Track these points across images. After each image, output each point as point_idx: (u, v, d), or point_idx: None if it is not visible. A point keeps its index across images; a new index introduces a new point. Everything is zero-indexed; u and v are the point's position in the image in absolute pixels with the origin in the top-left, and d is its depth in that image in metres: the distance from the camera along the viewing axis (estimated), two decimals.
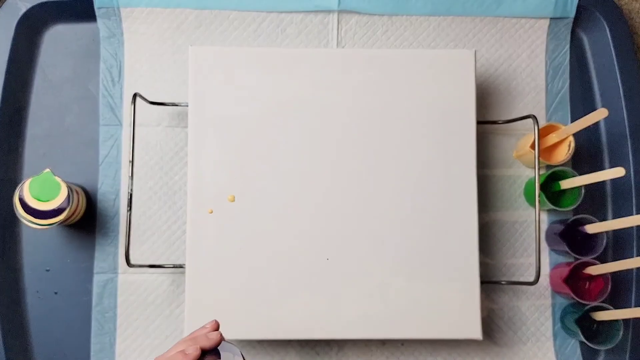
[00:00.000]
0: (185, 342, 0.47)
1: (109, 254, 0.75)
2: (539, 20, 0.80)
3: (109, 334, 0.74)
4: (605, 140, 0.80)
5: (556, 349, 0.76)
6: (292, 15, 0.79)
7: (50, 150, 0.77)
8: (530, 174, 0.78)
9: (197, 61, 0.70)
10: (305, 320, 0.68)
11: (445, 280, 0.68)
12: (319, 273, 0.68)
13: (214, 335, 0.48)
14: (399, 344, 0.75)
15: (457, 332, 0.68)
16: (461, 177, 0.70)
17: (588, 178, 0.69)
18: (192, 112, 0.69)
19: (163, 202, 0.76)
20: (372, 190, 0.69)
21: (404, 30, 0.79)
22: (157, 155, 0.76)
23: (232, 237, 0.68)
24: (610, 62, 0.79)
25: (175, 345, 0.47)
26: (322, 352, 0.75)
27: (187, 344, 0.46)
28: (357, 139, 0.70)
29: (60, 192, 0.68)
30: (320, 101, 0.70)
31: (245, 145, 0.69)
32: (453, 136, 0.70)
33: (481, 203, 0.73)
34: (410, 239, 0.69)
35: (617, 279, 0.75)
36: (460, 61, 0.71)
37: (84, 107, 0.77)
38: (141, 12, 0.77)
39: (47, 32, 0.78)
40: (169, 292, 0.75)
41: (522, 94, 0.79)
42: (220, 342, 0.48)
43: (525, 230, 0.77)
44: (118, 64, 0.77)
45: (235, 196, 0.69)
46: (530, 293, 0.76)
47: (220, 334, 0.48)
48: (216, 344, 0.47)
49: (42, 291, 0.75)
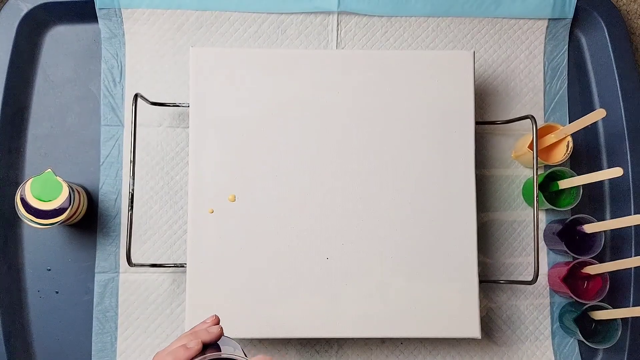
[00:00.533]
0: (187, 337, 0.47)
1: (110, 254, 0.75)
2: (538, 21, 0.80)
3: (110, 333, 0.74)
4: (603, 140, 0.80)
5: (555, 347, 0.76)
6: (292, 16, 0.79)
7: (51, 150, 0.77)
8: (528, 173, 0.79)
9: (198, 62, 0.70)
10: (305, 319, 0.68)
11: (444, 280, 0.69)
12: (319, 273, 0.68)
13: (214, 330, 0.48)
14: (399, 343, 0.76)
15: (456, 331, 0.69)
16: (460, 177, 0.70)
17: (586, 178, 0.69)
18: (193, 112, 0.70)
19: (164, 201, 0.76)
20: (371, 190, 0.69)
21: (403, 32, 0.80)
22: (158, 156, 0.77)
23: (233, 237, 0.68)
24: (608, 63, 0.80)
25: (177, 340, 0.47)
26: (322, 351, 0.75)
27: (188, 338, 0.46)
28: (357, 139, 0.70)
29: (62, 192, 0.68)
30: (319, 102, 0.70)
31: (245, 146, 0.70)
32: (452, 136, 0.70)
33: (480, 203, 0.73)
34: (409, 238, 0.69)
35: (615, 278, 0.75)
36: (459, 62, 0.71)
37: (85, 107, 0.78)
38: (142, 13, 0.78)
39: (49, 33, 0.79)
40: (170, 291, 0.75)
41: (520, 95, 0.80)
42: (221, 336, 0.48)
43: (524, 230, 0.78)
44: (119, 65, 0.78)
45: (235, 196, 0.69)
46: (529, 292, 0.77)
47: (220, 328, 0.48)
48: (217, 338, 0.48)
49: (44, 290, 0.75)
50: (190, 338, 0.46)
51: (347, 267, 0.68)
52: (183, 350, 0.45)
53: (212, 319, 0.51)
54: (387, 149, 0.70)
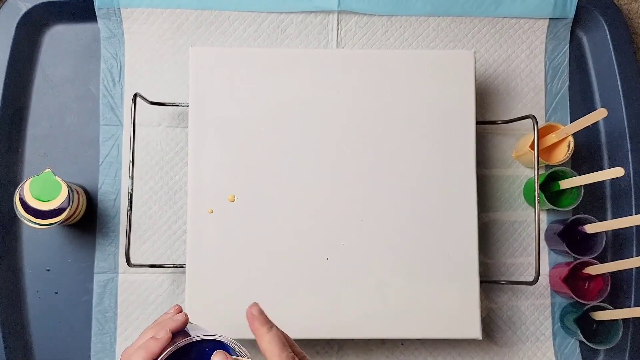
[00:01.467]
0: (153, 329, 0.46)
1: (109, 254, 0.75)
2: (539, 21, 0.80)
3: (110, 334, 0.74)
4: (604, 140, 0.80)
5: (556, 348, 0.76)
6: (292, 15, 0.79)
7: (50, 150, 0.77)
8: (529, 173, 0.78)
9: (198, 61, 0.70)
10: (305, 320, 0.68)
11: (445, 280, 0.69)
12: (319, 273, 0.68)
13: (179, 317, 0.48)
14: (399, 344, 0.75)
15: (456, 331, 0.68)
16: (461, 177, 0.70)
17: (587, 178, 0.69)
18: (193, 112, 0.70)
19: (163, 202, 0.76)
20: (371, 190, 0.69)
21: (403, 31, 0.79)
22: (157, 155, 0.77)
23: (232, 237, 0.68)
24: (609, 62, 0.80)
25: (143, 333, 0.47)
26: (322, 352, 0.75)
27: (154, 329, 0.46)
28: (357, 139, 0.70)
29: (61, 192, 0.68)
30: (319, 101, 0.70)
31: (245, 145, 0.69)
32: (453, 136, 0.70)
33: (481, 203, 0.73)
34: (410, 238, 0.69)
35: (616, 278, 0.75)
36: (460, 61, 0.71)
37: (84, 107, 0.78)
38: (142, 13, 0.78)
39: (48, 32, 0.78)
40: (169, 291, 0.75)
41: (521, 94, 0.79)
42: (186, 323, 0.48)
43: (525, 230, 0.77)
44: (118, 64, 0.77)
45: (235, 196, 0.69)
46: (530, 293, 0.77)
47: (185, 315, 0.48)
48: (183, 325, 0.47)
49: (43, 291, 0.75)
50: (157, 329, 0.46)
51: (347, 267, 0.68)
52: (153, 341, 0.44)
53: (174, 308, 0.51)
54: (387, 149, 0.70)
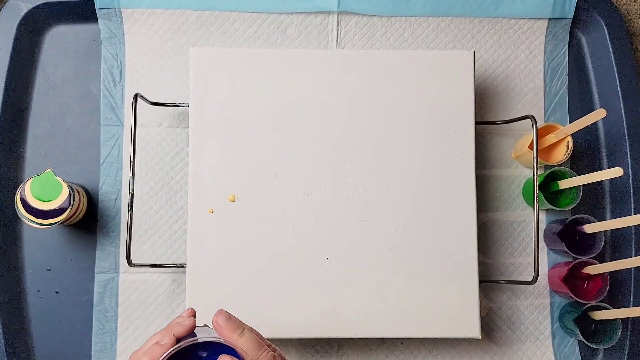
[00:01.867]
0: (160, 334, 0.47)
1: (110, 254, 0.75)
2: (538, 21, 0.80)
3: (110, 334, 0.74)
4: (603, 140, 0.80)
5: (555, 348, 0.76)
6: (292, 16, 0.79)
7: (51, 150, 0.77)
8: (528, 174, 0.78)
9: (198, 62, 0.70)
10: (305, 320, 0.68)
11: (444, 280, 0.69)
12: (319, 273, 0.68)
13: (186, 322, 0.47)
14: (399, 343, 0.75)
15: (456, 331, 0.68)
16: (460, 177, 0.70)
17: (586, 178, 0.69)
18: (193, 112, 0.70)
19: (164, 201, 0.76)
20: (371, 190, 0.69)
21: (403, 31, 0.80)
22: (158, 156, 0.77)
23: (233, 237, 0.68)
24: (608, 63, 0.80)
25: (151, 338, 0.47)
26: (322, 351, 0.75)
27: (161, 334, 0.46)
28: (357, 139, 0.70)
29: (62, 192, 0.68)
30: (319, 102, 0.70)
31: (245, 145, 0.70)
32: (452, 136, 0.70)
33: (480, 203, 0.73)
34: (409, 238, 0.69)
35: (615, 278, 0.75)
36: (459, 62, 0.71)
37: (85, 107, 0.78)
38: (142, 13, 0.78)
39: (49, 33, 0.79)
40: (170, 291, 0.75)
41: (520, 95, 0.80)
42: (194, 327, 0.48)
43: (524, 230, 0.78)
44: (119, 65, 0.78)
45: (235, 196, 0.69)
46: (529, 292, 0.77)
47: (193, 320, 0.48)
48: (190, 330, 0.47)
49: (43, 291, 0.75)
50: (163, 334, 0.46)
51: (347, 267, 0.68)
52: (157, 347, 0.45)
53: (187, 312, 0.51)
54: (387, 149, 0.70)
